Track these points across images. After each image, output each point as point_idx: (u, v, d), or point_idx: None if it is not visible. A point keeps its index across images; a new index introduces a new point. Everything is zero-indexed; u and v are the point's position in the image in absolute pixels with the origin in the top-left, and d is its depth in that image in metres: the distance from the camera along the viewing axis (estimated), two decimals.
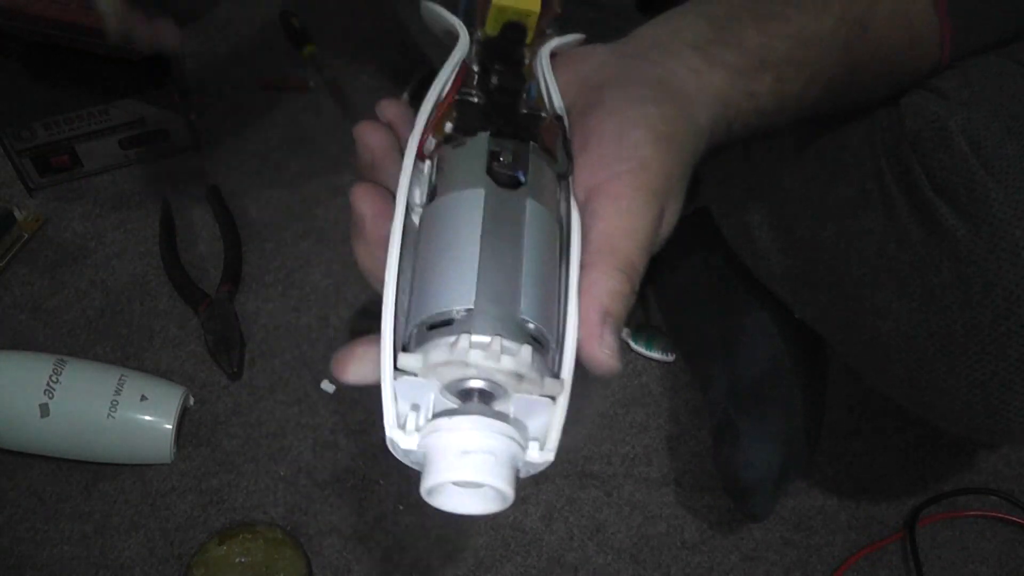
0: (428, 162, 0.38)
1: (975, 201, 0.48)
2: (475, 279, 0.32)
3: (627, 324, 0.78)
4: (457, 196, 0.35)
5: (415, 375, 0.32)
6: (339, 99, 0.94)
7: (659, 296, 0.79)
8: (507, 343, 0.31)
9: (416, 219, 0.36)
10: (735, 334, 0.70)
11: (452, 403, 0.33)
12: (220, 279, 0.80)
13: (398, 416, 0.32)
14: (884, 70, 0.49)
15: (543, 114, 0.40)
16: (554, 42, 0.43)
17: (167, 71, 0.85)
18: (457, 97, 0.39)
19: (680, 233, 0.78)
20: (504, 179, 0.35)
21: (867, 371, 0.59)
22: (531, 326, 0.32)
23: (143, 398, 0.69)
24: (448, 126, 0.39)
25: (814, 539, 0.70)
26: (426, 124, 0.38)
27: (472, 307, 0.31)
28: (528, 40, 0.42)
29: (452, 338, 0.31)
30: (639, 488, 0.71)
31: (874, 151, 0.53)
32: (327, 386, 0.76)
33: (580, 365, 0.34)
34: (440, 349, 0.31)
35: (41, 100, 0.82)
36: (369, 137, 0.38)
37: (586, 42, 0.45)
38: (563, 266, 0.35)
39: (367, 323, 0.74)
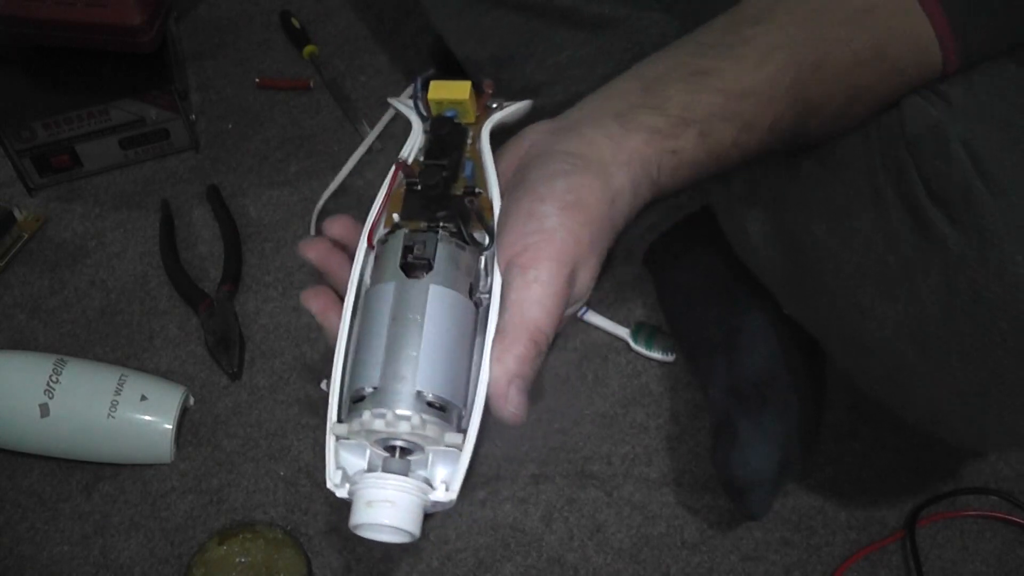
0: (374, 250, 0.45)
1: (969, 211, 0.48)
2: (381, 363, 0.40)
3: (626, 324, 0.79)
4: (376, 289, 0.42)
5: (348, 439, 0.41)
6: (339, 99, 0.94)
7: (659, 296, 0.79)
8: (401, 412, 0.39)
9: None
10: (735, 334, 0.70)
11: (381, 455, 0.41)
12: (220, 279, 0.80)
13: (334, 472, 0.41)
14: (857, 102, 0.50)
15: (478, 191, 0.46)
16: (496, 117, 0.49)
17: (167, 71, 0.85)
18: (405, 186, 0.46)
19: (680, 233, 0.79)
20: (415, 270, 0.42)
21: (851, 370, 0.59)
22: (428, 395, 0.39)
23: (143, 398, 0.69)
24: (395, 216, 0.45)
25: (814, 539, 0.70)
26: (371, 227, 0.45)
27: (378, 385, 0.40)
28: (471, 119, 0.49)
29: (363, 412, 0.39)
30: (639, 488, 0.71)
31: (869, 150, 0.53)
32: (327, 386, 0.75)
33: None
34: (355, 420, 0.40)
35: (41, 100, 0.82)
36: (310, 253, 0.46)
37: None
38: (479, 333, 0.42)
39: None
